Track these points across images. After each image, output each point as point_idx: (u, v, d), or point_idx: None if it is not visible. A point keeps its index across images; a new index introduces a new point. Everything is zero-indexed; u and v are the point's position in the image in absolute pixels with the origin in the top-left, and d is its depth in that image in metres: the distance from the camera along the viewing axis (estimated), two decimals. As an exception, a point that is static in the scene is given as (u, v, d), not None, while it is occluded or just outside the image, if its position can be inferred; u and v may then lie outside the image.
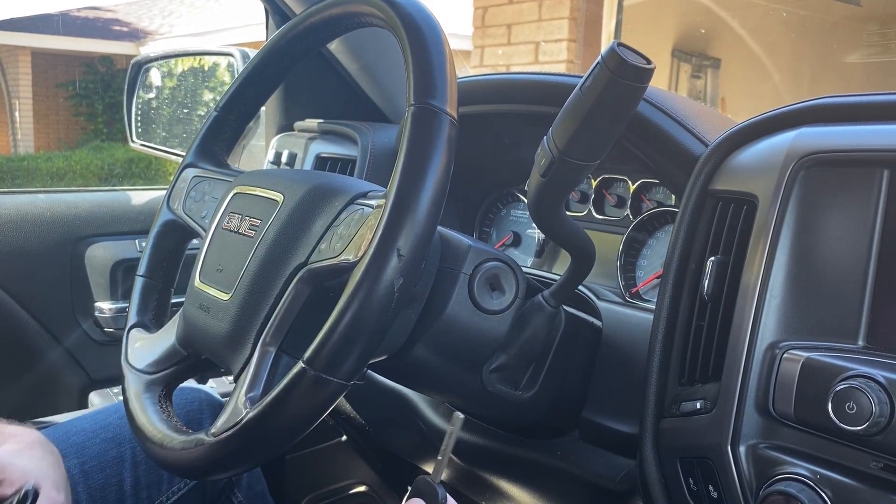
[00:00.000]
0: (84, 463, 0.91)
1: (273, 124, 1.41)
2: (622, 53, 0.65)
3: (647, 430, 0.77)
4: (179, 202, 0.90)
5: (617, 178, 1.08)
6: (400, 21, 0.67)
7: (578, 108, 0.68)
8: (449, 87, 0.65)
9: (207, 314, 0.75)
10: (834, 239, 0.66)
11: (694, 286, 0.76)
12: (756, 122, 0.77)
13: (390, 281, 0.60)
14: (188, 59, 1.83)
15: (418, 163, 0.62)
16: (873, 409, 0.58)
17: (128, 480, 0.92)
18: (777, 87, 4.00)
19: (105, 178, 8.87)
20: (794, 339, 0.66)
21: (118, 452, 0.93)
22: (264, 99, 0.93)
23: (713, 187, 0.77)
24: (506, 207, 1.23)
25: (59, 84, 10.95)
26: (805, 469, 0.63)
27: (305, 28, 0.83)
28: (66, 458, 0.90)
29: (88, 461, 0.91)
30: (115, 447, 0.93)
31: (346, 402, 1.27)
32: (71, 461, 0.90)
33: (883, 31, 3.59)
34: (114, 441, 0.94)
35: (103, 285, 1.48)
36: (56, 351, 1.47)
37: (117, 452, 0.93)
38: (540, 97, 0.98)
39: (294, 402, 0.61)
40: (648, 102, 0.87)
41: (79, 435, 0.94)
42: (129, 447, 0.94)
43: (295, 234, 0.72)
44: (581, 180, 0.78)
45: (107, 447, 0.93)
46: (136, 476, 0.93)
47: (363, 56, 1.32)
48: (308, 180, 0.76)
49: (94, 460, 0.91)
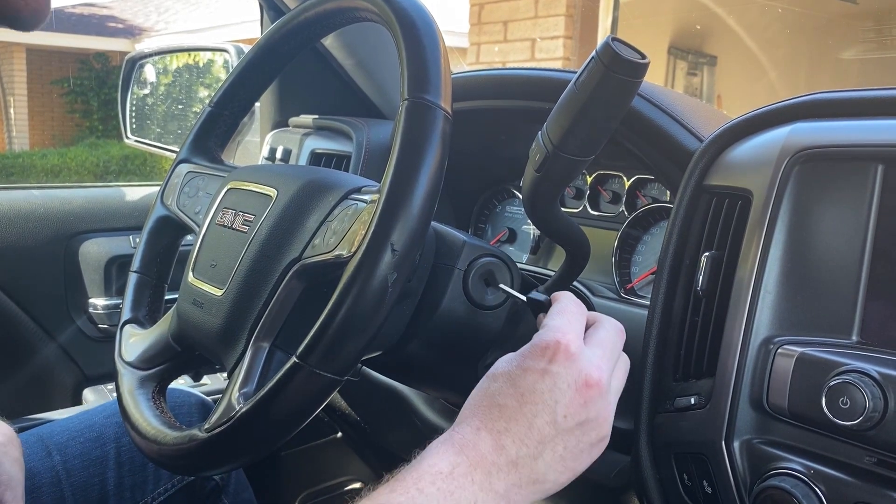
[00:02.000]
0: (67, 461, 0.91)
1: (268, 120, 1.41)
2: (616, 48, 0.64)
3: (641, 425, 0.77)
4: (173, 198, 0.90)
5: (612, 174, 1.08)
6: (394, 16, 0.67)
7: (573, 102, 0.68)
8: (443, 81, 0.65)
9: (201, 310, 0.75)
10: (828, 234, 0.66)
11: (688, 282, 0.76)
12: (750, 118, 0.77)
13: (384, 276, 0.60)
14: (183, 55, 1.82)
15: (412, 158, 0.62)
16: (867, 404, 0.58)
17: (111, 480, 0.92)
18: (773, 84, 4.01)
19: (100, 174, 8.85)
20: (788, 334, 0.66)
21: (102, 452, 0.93)
22: (259, 95, 0.93)
23: (708, 183, 0.77)
24: (501, 203, 1.23)
25: (54, 81, 10.93)
26: (799, 464, 0.63)
27: (300, 23, 0.83)
28: (49, 455, 0.90)
29: (71, 459, 0.91)
30: (98, 447, 0.93)
31: (340, 399, 1.27)
32: (54, 458, 0.90)
33: (878, 28, 3.60)
34: (98, 441, 0.94)
35: (97, 281, 1.48)
36: (50, 347, 1.47)
37: (101, 452, 0.93)
38: (534, 92, 0.97)
39: (288, 397, 0.61)
40: (643, 98, 0.87)
41: (63, 434, 0.94)
42: (113, 447, 0.94)
43: (289, 230, 0.71)
44: (576, 176, 0.78)
45: (90, 447, 0.93)
46: (120, 476, 0.93)
47: (358, 51, 1.32)
48: (302, 175, 0.76)
49: (77, 459, 0.92)
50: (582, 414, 0.60)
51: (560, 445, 0.59)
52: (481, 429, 0.59)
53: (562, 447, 0.59)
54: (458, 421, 0.61)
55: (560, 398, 0.59)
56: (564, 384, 0.60)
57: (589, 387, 0.60)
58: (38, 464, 0.89)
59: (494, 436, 0.58)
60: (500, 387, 0.60)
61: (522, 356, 0.61)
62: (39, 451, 0.91)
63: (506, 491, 0.57)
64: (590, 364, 0.61)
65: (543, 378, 0.60)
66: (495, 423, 0.59)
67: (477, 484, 0.56)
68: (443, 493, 0.55)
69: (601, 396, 0.61)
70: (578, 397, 0.60)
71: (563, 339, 0.61)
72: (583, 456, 0.61)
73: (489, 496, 0.56)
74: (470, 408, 0.61)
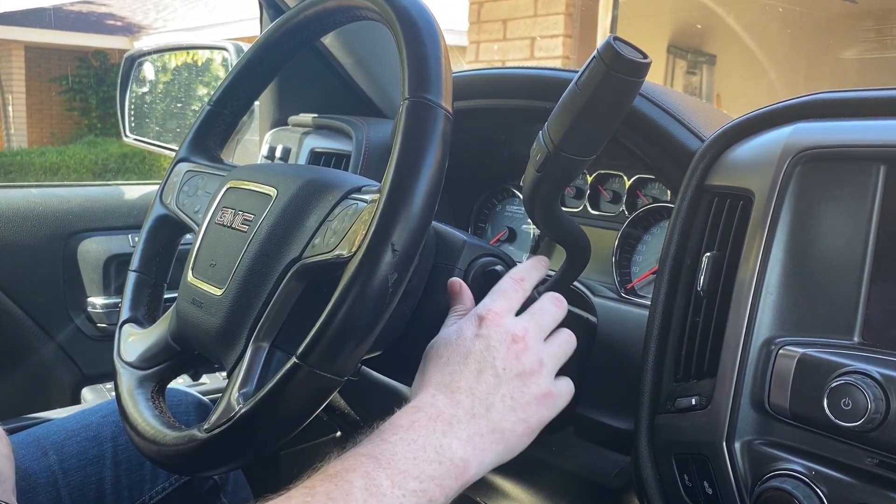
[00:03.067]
0: (63, 461, 0.91)
1: (267, 119, 1.41)
2: (618, 47, 0.64)
3: (642, 426, 0.77)
4: (172, 197, 0.90)
5: (612, 173, 1.07)
6: (395, 14, 0.67)
7: (574, 102, 0.68)
8: (444, 80, 0.64)
9: (200, 309, 0.75)
10: (830, 235, 0.66)
11: (689, 282, 0.76)
12: (752, 118, 0.76)
13: (384, 276, 0.60)
14: (182, 53, 1.82)
15: (413, 157, 0.61)
16: (869, 406, 0.57)
17: (108, 479, 0.92)
18: (773, 83, 4.01)
19: (99, 172, 8.84)
20: (790, 335, 0.66)
21: (98, 451, 0.93)
22: (258, 93, 0.92)
23: (709, 183, 0.77)
24: (501, 203, 1.23)
25: (53, 78, 10.91)
26: (800, 465, 0.63)
27: (299, 22, 0.83)
28: (45, 455, 0.90)
29: (67, 459, 0.91)
30: (95, 446, 0.93)
31: (340, 398, 1.27)
32: (50, 458, 0.90)
33: (878, 28, 3.60)
34: (95, 440, 0.94)
35: (96, 280, 1.47)
36: (48, 346, 1.47)
37: (98, 451, 0.93)
38: (535, 92, 0.97)
39: (288, 398, 0.61)
40: (644, 97, 0.86)
41: (59, 433, 0.94)
42: (110, 447, 0.94)
43: (288, 229, 0.71)
44: (577, 175, 0.78)
45: (87, 446, 0.93)
46: (117, 475, 0.93)
47: (358, 50, 1.32)
48: (302, 175, 0.76)
49: (74, 458, 0.91)
50: (517, 366, 0.67)
51: (507, 395, 0.66)
52: (436, 393, 0.65)
53: (509, 396, 0.66)
54: (413, 393, 0.67)
55: (496, 354, 0.67)
56: (496, 342, 0.67)
57: (516, 342, 0.68)
58: (34, 464, 0.89)
59: (448, 394, 0.65)
60: (446, 355, 0.67)
61: (459, 327, 0.69)
62: (35, 452, 0.90)
63: (469, 438, 0.63)
64: (515, 324, 0.69)
65: (477, 341, 0.67)
66: (447, 385, 0.65)
67: (439, 432, 0.62)
68: (406, 441, 0.60)
69: (529, 350, 0.68)
70: (510, 352, 0.67)
71: (493, 307, 0.70)
72: (530, 407, 0.67)
73: (453, 441, 0.62)
74: (422, 379, 0.68)
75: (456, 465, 0.61)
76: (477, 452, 0.63)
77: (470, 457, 0.62)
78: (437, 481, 0.60)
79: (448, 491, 0.60)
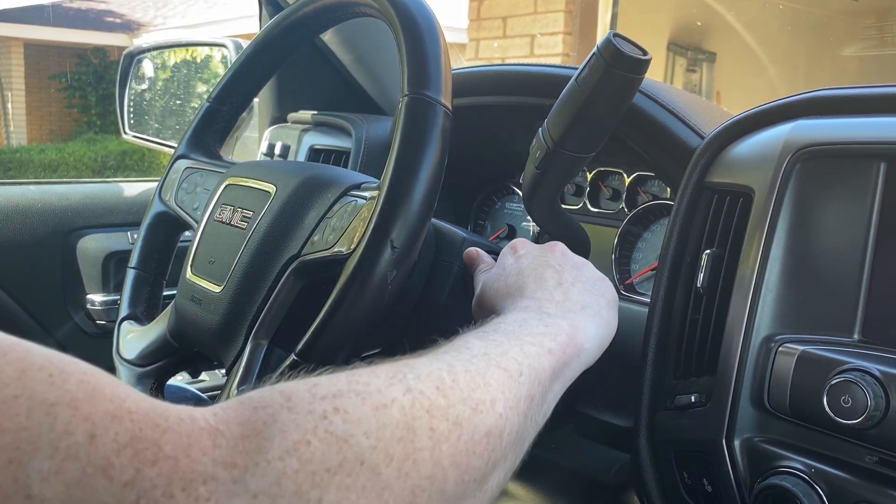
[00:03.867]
0: None
1: (266, 116, 1.40)
2: (618, 44, 0.64)
3: (641, 423, 0.77)
4: (171, 194, 0.90)
5: (612, 170, 1.07)
6: (394, 11, 0.67)
7: (574, 99, 0.67)
8: (443, 77, 0.64)
9: (199, 306, 0.75)
10: (830, 232, 0.66)
11: (689, 279, 0.76)
12: (752, 115, 0.76)
13: (383, 273, 0.59)
14: (181, 50, 1.81)
15: (412, 154, 0.61)
16: (868, 403, 0.57)
17: None
18: (772, 80, 4.01)
19: (98, 170, 8.83)
20: (790, 332, 0.66)
21: None
22: (257, 90, 0.92)
23: (709, 180, 0.77)
24: (501, 200, 1.23)
25: (52, 76, 10.90)
26: (800, 463, 0.63)
27: (298, 18, 0.82)
28: None
29: None
30: None
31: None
32: None
33: (879, 25, 3.60)
34: None
35: (95, 277, 1.47)
36: (47, 343, 1.43)
37: None
38: (535, 88, 0.97)
39: (286, 395, 0.61)
40: (644, 94, 0.86)
41: None
42: None
43: (287, 226, 0.71)
44: (576, 172, 0.77)
45: None
46: None
47: (357, 47, 1.31)
48: (301, 172, 0.76)
49: None
50: (566, 261, 0.69)
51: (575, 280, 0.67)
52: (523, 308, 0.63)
53: (578, 281, 0.67)
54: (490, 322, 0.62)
55: (544, 260, 0.68)
56: (537, 252, 0.70)
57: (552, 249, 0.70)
58: None
59: (525, 300, 0.64)
60: (501, 286, 0.67)
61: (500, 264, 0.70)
62: None
63: (563, 314, 0.62)
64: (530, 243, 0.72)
65: (521, 260, 0.69)
66: (521, 296, 0.65)
67: (541, 319, 0.60)
68: (514, 323, 0.59)
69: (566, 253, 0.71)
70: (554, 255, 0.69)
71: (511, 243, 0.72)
72: (600, 284, 0.69)
73: (554, 321, 0.60)
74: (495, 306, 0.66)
75: (562, 329, 0.60)
76: (576, 323, 0.62)
77: (572, 327, 0.61)
78: (549, 337, 0.58)
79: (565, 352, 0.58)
